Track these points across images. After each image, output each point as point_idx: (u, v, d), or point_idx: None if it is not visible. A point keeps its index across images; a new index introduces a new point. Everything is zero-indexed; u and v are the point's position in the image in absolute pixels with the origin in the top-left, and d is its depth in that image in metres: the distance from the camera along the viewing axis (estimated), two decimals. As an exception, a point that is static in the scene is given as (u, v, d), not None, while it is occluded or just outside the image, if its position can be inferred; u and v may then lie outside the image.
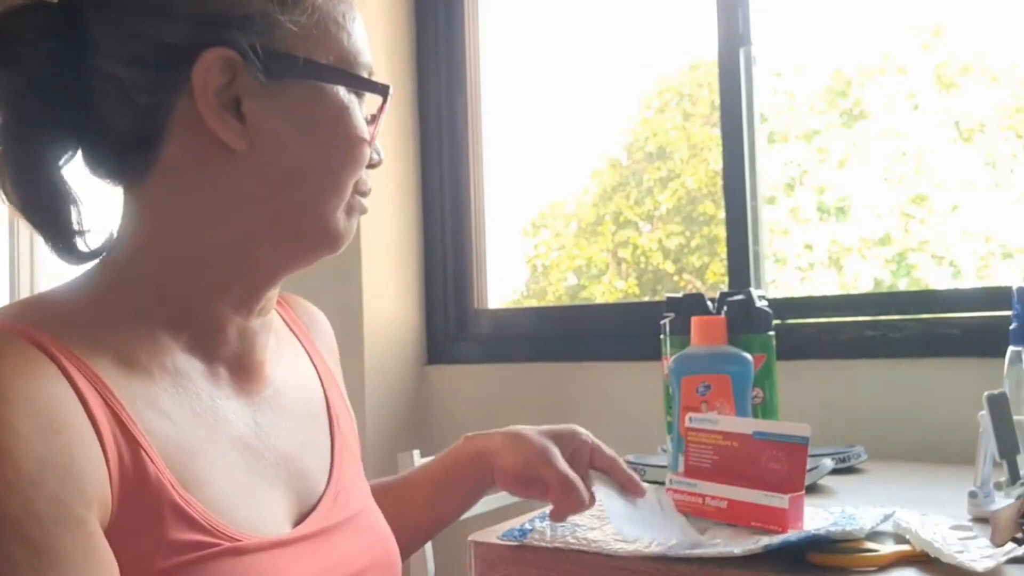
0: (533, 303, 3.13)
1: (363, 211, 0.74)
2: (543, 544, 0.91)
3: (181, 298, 0.68)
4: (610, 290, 3.13)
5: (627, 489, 0.90)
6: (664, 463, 1.19)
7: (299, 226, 0.70)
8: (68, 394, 0.57)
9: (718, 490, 0.91)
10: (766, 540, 0.81)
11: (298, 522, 0.71)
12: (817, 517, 0.92)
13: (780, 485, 0.88)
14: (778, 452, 0.90)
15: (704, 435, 0.96)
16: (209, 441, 0.66)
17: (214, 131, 0.65)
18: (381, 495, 0.89)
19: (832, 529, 0.82)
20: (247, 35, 0.65)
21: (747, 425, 0.94)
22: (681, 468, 0.98)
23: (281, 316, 0.83)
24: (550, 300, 3.24)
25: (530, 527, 0.95)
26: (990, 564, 0.73)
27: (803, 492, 0.88)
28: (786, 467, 0.89)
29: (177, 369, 0.66)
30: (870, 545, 0.82)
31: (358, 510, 0.78)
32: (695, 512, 0.92)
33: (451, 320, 2.16)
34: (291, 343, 0.83)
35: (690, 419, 0.98)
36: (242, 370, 0.72)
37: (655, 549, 0.85)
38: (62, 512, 0.54)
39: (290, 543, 0.67)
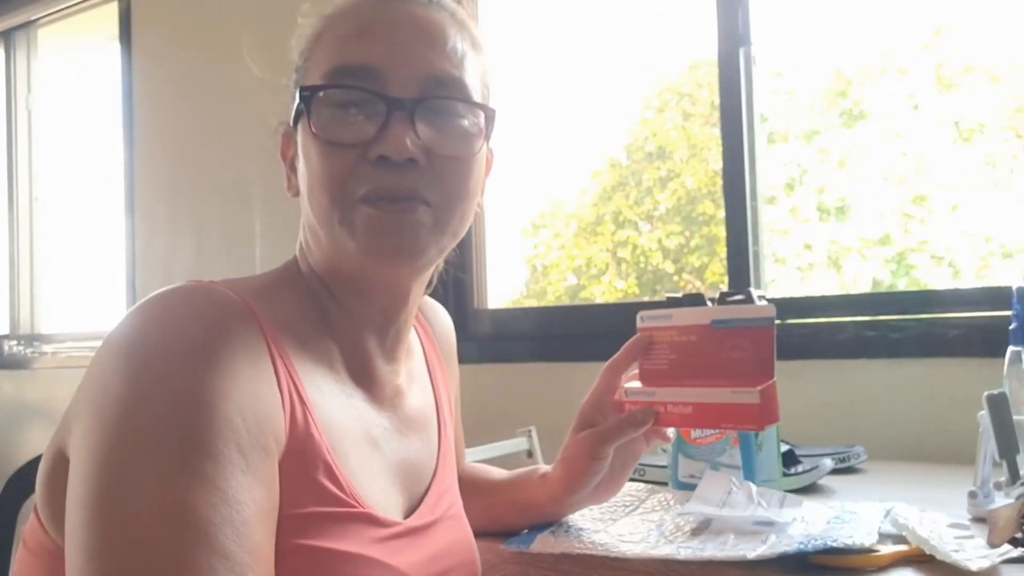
0: (533, 303, 3.13)
1: (370, 217, 0.72)
2: (548, 552, 0.89)
3: (326, 305, 0.78)
4: (610, 290, 3.13)
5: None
6: (664, 463, 1.19)
7: (326, 239, 0.76)
8: (265, 349, 0.67)
9: (680, 395, 0.82)
10: (774, 540, 0.81)
11: (406, 516, 0.78)
12: (817, 512, 0.91)
13: (748, 376, 0.79)
14: (741, 339, 0.80)
15: (658, 333, 0.86)
16: (350, 429, 0.74)
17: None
18: (471, 486, 0.98)
19: (848, 542, 0.79)
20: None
21: (704, 315, 0.83)
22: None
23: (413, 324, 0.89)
24: (550, 300, 3.24)
25: (533, 537, 0.93)
26: (984, 564, 0.73)
27: (774, 380, 0.78)
28: (751, 355, 0.79)
29: (332, 366, 0.76)
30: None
31: (453, 512, 0.85)
32: (657, 423, 0.84)
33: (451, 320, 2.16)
34: (418, 351, 0.92)
35: (641, 318, 0.88)
36: (376, 384, 0.80)
37: (660, 551, 0.84)
38: (261, 437, 0.63)
39: (406, 531, 0.75)
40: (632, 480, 1.22)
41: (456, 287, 2.18)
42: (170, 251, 2.72)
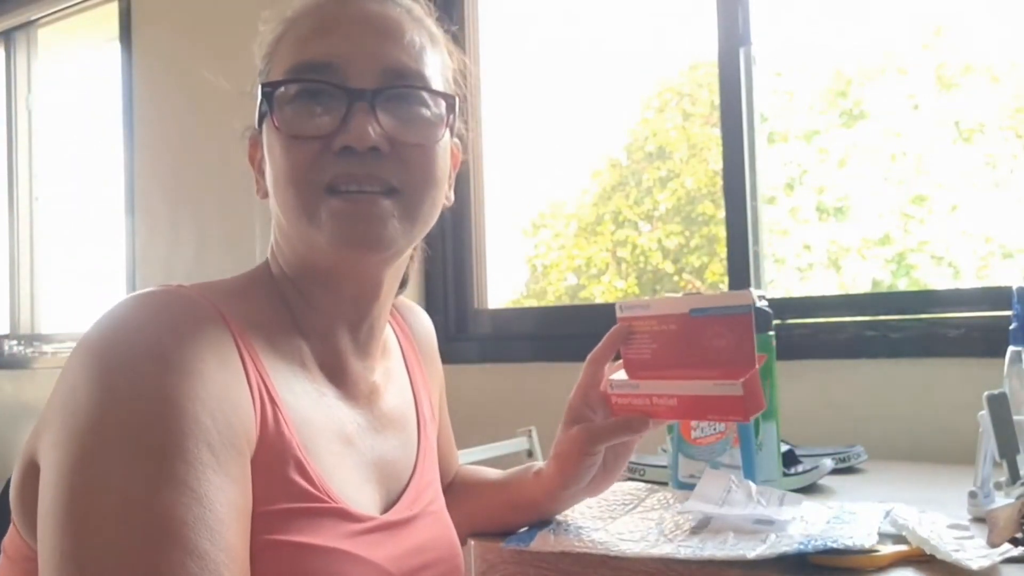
0: (533, 303, 3.13)
1: (337, 208, 0.73)
2: (547, 550, 0.88)
3: (296, 304, 0.79)
4: (610, 290, 3.13)
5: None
6: (664, 463, 1.19)
7: (295, 234, 0.77)
8: (234, 350, 0.69)
9: (664, 387, 0.82)
10: (774, 540, 0.80)
11: (384, 512, 0.79)
12: (817, 512, 0.91)
13: (730, 365, 0.79)
14: (721, 328, 0.80)
15: (638, 323, 0.87)
16: (322, 427, 0.75)
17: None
18: (467, 488, 1.00)
19: (848, 542, 0.78)
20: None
21: (682, 304, 0.84)
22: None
23: (390, 323, 0.90)
24: (550, 300, 3.25)
25: (533, 535, 0.92)
26: (985, 564, 0.73)
27: (756, 369, 0.79)
28: (732, 343, 0.80)
29: (304, 364, 0.77)
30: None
31: (434, 509, 0.86)
32: (644, 414, 0.85)
33: (451, 320, 2.16)
34: (395, 350, 0.92)
35: (620, 307, 0.89)
36: (350, 381, 0.81)
37: (660, 549, 0.83)
38: (232, 437, 0.63)
39: (383, 525, 0.76)
40: (632, 480, 1.22)
41: (456, 287, 2.18)
42: (170, 251, 2.72)
